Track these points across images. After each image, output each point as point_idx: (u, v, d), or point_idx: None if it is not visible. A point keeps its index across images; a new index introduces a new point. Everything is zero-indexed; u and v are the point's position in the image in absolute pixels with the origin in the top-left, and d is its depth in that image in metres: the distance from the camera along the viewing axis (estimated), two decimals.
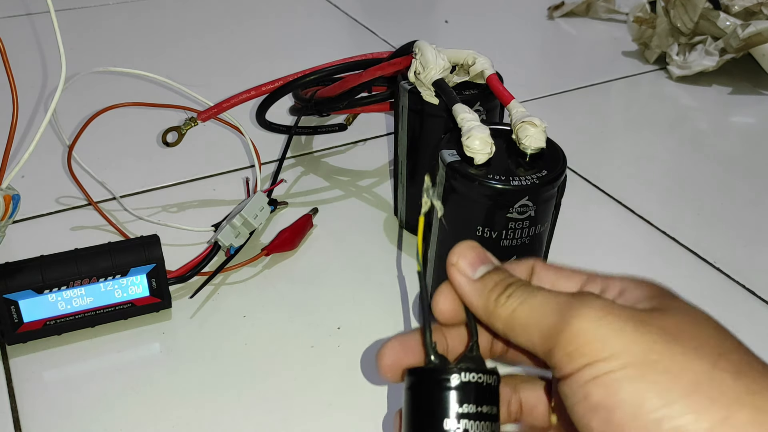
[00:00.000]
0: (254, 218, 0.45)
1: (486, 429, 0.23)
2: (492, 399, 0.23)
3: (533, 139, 0.37)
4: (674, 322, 0.23)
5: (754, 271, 0.47)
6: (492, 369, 0.24)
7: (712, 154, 0.62)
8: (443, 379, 0.23)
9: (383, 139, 0.62)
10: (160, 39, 0.81)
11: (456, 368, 0.23)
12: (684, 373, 0.21)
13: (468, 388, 0.23)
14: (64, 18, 0.85)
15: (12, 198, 0.41)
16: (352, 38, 0.85)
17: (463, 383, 0.23)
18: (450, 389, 0.22)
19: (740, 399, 0.20)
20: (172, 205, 0.52)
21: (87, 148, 0.54)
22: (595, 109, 0.70)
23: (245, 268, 0.46)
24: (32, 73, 0.71)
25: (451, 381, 0.23)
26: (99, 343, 0.40)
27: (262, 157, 0.53)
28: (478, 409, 0.23)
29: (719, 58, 0.72)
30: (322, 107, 0.54)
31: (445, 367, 0.23)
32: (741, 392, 0.21)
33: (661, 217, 0.52)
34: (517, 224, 0.36)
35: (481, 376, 0.23)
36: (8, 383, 0.38)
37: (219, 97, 0.51)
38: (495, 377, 0.23)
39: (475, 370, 0.23)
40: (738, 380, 0.21)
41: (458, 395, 0.22)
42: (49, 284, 0.38)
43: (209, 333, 0.41)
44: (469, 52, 0.43)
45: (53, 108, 0.39)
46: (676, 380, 0.21)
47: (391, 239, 0.49)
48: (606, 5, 0.90)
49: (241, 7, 0.91)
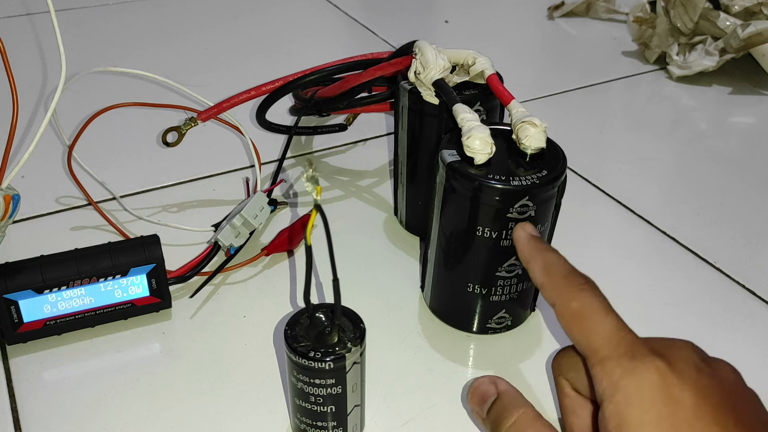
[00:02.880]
0: (254, 218, 0.45)
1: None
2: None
3: (533, 139, 0.37)
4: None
5: (754, 271, 0.47)
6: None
7: (712, 154, 0.62)
8: None
9: (383, 139, 0.62)
10: (160, 39, 0.81)
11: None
12: None
13: None
14: (64, 18, 0.85)
15: (12, 198, 0.41)
16: (352, 38, 0.85)
17: None
18: None
19: None
20: (172, 205, 0.52)
21: (87, 148, 0.54)
22: (595, 109, 0.70)
23: (245, 268, 0.46)
24: (32, 73, 0.71)
25: None
26: (99, 343, 0.40)
27: (262, 157, 0.53)
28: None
29: (719, 58, 0.72)
30: (322, 107, 0.54)
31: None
32: None
33: (661, 217, 0.53)
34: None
35: None
36: (8, 383, 0.38)
37: (219, 97, 0.51)
38: None
39: None
40: None
41: None
42: (49, 284, 0.38)
43: (209, 333, 0.41)
44: (469, 52, 0.43)
45: (53, 108, 0.39)
46: None
47: (391, 239, 0.49)
48: (606, 5, 0.90)
49: (241, 7, 0.91)
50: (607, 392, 0.26)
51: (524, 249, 0.33)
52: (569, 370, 0.30)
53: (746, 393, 0.27)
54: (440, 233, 0.39)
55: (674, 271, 0.47)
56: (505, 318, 0.40)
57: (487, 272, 0.38)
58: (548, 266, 0.31)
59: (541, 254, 0.32)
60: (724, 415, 0.25)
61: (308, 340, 0.31)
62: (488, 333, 0.41)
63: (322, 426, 0.33)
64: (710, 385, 0.26)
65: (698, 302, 0.45)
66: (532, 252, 0.32)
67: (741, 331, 0.43)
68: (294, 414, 0.33)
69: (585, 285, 0.29)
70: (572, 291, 0.29)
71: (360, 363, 0.31)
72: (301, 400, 0.32)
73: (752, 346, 0.42)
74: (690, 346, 0.27)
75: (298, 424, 0.33)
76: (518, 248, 0.33)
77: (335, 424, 0.33)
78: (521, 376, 0.39)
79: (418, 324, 0.42)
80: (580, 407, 0.30)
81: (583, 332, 0.28)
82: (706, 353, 0.28)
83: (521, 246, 0.33)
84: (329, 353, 0.30)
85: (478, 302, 0.39)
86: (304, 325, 0.32)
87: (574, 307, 0.28)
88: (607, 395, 0.26)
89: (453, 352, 0.40)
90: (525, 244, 0.33)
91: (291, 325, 0.31)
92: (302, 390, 0.31)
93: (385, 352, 0.40)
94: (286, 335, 0.31)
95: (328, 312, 0.32)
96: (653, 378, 0.25)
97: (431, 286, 0.42)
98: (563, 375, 0.31)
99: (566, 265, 0.31)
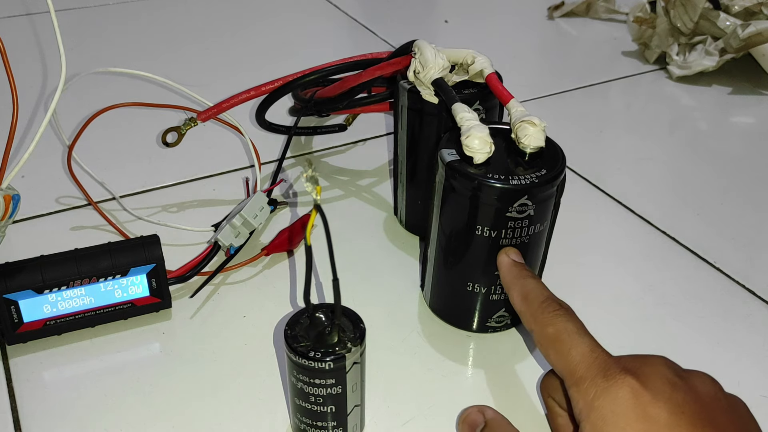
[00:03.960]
0: (254, 218, 0.46)
1: None
2: None
3: (532, 139, 0.37)
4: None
5: (754, 271, 0.47)
6: None
7: (712, 154, 0.62)
8: None
9: (383, 139, 0.62)
10: (160, 39, 0.81)
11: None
12: None
13: None
14: (64, 18, 0.85)
15: (12, 198, 0.41)
16: (352, 38, 0.85)
17: None
18: None
19: None
20: (172, 205, 0.52)
21: (87, 148, 0.54)
22: (595, 109, 0.70)
23: (245, 268, 0.46)
24: (32, 73, 0.71)
25: None
26: (99, 343, 0.40)
27: (262, 157, 0.53)
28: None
29: (719, 58, 0.72)
30: (321, 107, 0.54)
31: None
32: None
33: (661, 217, 0.52)
34: (516, 223, 0.36)
35: None
36: (8, 383, 0.38)
37: (219, 97, 0.51)
38: None
39: None
40: None
41: None
42: (49, 284, 0.38)
43: (209, 333, 0.41)
44: (469, 51, 0.43)
45: (53, 108, 0.39)
46: None
47: (391, 239, 0.49)
48: (606, 5, 0.90)
49: (240, 7, 0.91)
50: (584, 412, 0.26)
51: (506, 275, 0.35)
52: (555, 392, 0.31)
53: (726, 402, 0.27)
54: (440, 232, 0.39)
55: (674, 271, 0.47)
56: (505, 317, 0.40)
57: (486, 271, 0.38)
58: (527, 293, 0.33)
59: (520, 281, 0.34)
60: (701, 429, 0.25)
61: (308, 340, 0.31)
62: (488, 332, 0.41)
63: (322, 426, 0.33)
64: (685, 399, 0.26)
65: (698, 302, 0.45)
66: (513, 278, 0.34)
67: (741, 331, 0.43)
68: (294, 414, 0.33)
69: (560, 310, 0.31)
70: (548, 317, 0.30)
71: (360, 363, 0.31)
72: (301, 400, 0.32)
73: (752, 346, 0.42)
74: (663, 361, 0.28)
75: (298, 424, 0.33)
76: (500, 274, 0.36)
77: (335, 424, 0.33)
78: (521, 375, 0.39)
79: (418, 323, 0.42)
80: (572, 426, 0.31)
81: (560, 356, 0.29)
82: (681, 367, 0.28)
83: (503, 272, 0.35)
84: (329, 353, 0.30)
85: (477, 301, 0.39)
86: (304, 325, 0.32)
87: (549, 332, 0.30)
88: (583, 415, 0.26)
89: (453, 352, 0.40)
90: (506, 271, 0.35)
91: (291, 325, 0.32)
92: (302, 390, 0.31)
93: (385, 352, 0.40)
94: (286, 335, 0.31)
95: (328, 312, 0.32)
96: (627, 396, 0.26)
97: (431, 285, 0.42)
98: (551, 396, 0.32)
99: (544, 292, 0.32)
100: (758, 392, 0.38)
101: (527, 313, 0.32)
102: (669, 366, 0.28)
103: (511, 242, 0.37)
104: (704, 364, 0.31)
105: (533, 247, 0.38)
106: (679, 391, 0.26)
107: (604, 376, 0.27)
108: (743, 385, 0.38)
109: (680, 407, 0.25)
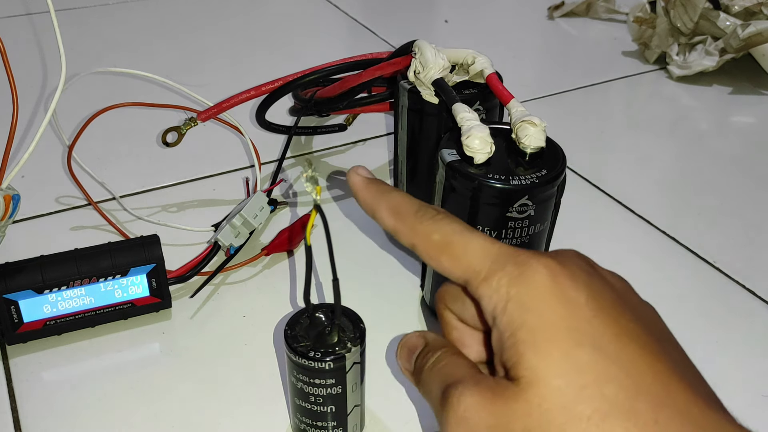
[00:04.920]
0: (254, 218, 0.45)
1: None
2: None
3: (533, 139, 0.37)
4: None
5: (754, 271, 0.47)
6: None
7: (712, 154, 0.62)
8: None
9: (383, 139, 0.62)
10: (160, 39, 0.81)
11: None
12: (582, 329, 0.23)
13: None
14: (64, 18, 0.85)
15: (12, 198, 0.41)
16: (352, 38, 0.85)
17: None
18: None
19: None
20: (172, 205, 0.52)
21: (87, 148, 0.54)
22: (595, 109, 0.70)
23: (245, 268, 0.46)
24: (32, 73, 0.71)
25: None
26: (99, 343, 0.40)
27: (262, 157, 0.53)
28: None
29: (719, 58, 0.72)
30: (321, 107, 0.54)
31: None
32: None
33: (661, 217, 0.52)
34: (516, 224, 0.36)
35: None
36: (8, 383, 0.38)
37: (219, 97, 0.51)
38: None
39: None
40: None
41: None
42: (49, 284, 0.38)
43: (209, 333, 0.41)
44: (469, 52, 0.43)
45: (53, 108, 0.39)
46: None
47: (391, 239, 0.49)
48: (606, 5, 0.90)
49: (241, 7, 0.91)
50: (498, 306, 0.24)
51: (365, 196, 0.29)
52: (454, 301, 0.28)
53: (637, 298, 0.26)
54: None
55: (674, 271, 0.47)
56: None
57: None
58: (396, 208, 0.28)
59: (384, 197, 0.29)
60: (621, 313, 0.24)
61: (308, 340, 0.31)
62: None
63: (322, 426, 0.33)
64: (602, 286, 0.24)
65: (698, 302, 0.45)
66: (375, 198, 0.29)
67: (741, 331, 0.43)
68: (294, 414, 0.33)
69: (439, 215, 0.27)
70: (428, 224, 0.27)
71: (360, 363, 0.31)
72: (301, 400, 0.32)
73: (752, 346, 0.42)
74: (576, 253, 0.26)
75: (298, 424, 0.33)
76: (358, 197, 0.30)
77: (335, 424, 0.33)
78: None
79: (418, 323, 0.42)
80: (468, 337, 0.28)
81: (456, 259, 0.26)
82: (592, 260, 0.26)
83: (361, 194, 0.30)
84: (329, 353, 0.30)
85: None
86: (304, 325, 0.32)
87: (436, 239, 0.26)
88: (498, 310, 0.24)
89: None
90: (364, 191, 0.29)
91: (291, 325, 0.32)
92: (302, 390, 0.31)
93: (386, 352, 0.40)
94: (286, 335, 0.31)
95: (328, 312, 0.32)
96: (544, 280, 0.23)
97: (431, 285, 0.42)
98: (448, 307, 0.29)
99: (414, 201, 0.28)
100: (758, 392, 0.38)
101: (404, 228, 0.28)
102: (581, 257, 0.26)
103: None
104: (704, 364, 0.31)
105: (533, 247, 0.38)
106: (594, 278, 0.25)
107: (515, 264, 0.24)
108: (743, 385, 0.38)
109: (599, 291, 0.24)
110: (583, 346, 0.22)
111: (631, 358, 0.22)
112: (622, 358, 0.22)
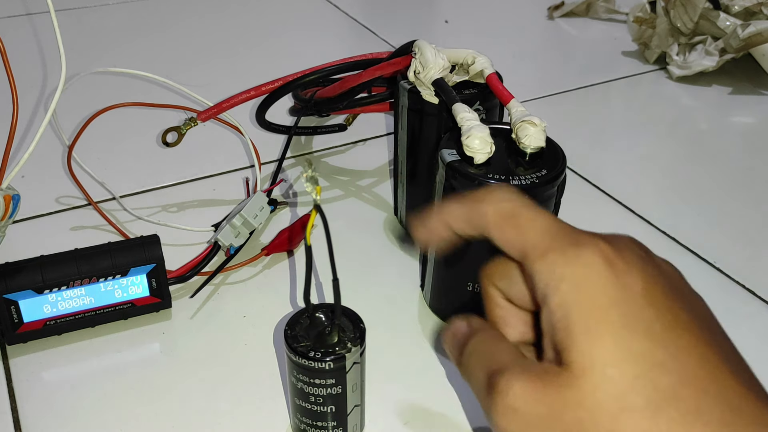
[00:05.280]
0: (254, 218, 0.45)
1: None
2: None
3: (533, 139, 0.37)
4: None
5: (754, 271, 0.47)
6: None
7: (712, 154, 0.62)
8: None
9: (383, 139, 0.62)
10: (160, 39, 0.81)
11: None
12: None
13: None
14: (64, 18, 0.85)
15: (12, 198, 0.41)
16: (352, 38, 0.85)
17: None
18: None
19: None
20: (172, 205, 0.52)
21: (87, 148, 0.54)
22: (595, 109, 0.70)
23: (245, 268, 0.46)
24: (32, 73, 0.71)
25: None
26: (99, 343, 0.40)
27: (262, 157, 0.53)
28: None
29: (719, 58, 0.72)
30: (321, 107, 0.54)
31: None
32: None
33: (661, 217, 0.52)
34: None
35: None
36: (8, 383, 0.38)
37: (219, 97, 0.51)
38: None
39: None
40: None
41: None
42: (49, 284, 0.38)
43: (209, 333, 0.41)
44: (469, 52, 0.43)
45: (53, 108, 0.39)
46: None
47: (391, 239, 0.49)
48: (606, 5, 0.90)
49: (241, 6, 0.91)
50: (552, 285, 0.24)
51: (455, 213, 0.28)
52: (502, 278, 0.28)
53: (691, 289, 0.26)
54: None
55: None
56: None
57: None
58: (452, 205, 0.28)
59: (463, 202, 0.28)
60: (674, 302, 0.24)
61: (308, 340, 0.31)
62: None
63: (322, 426, 0.32)
64: (656, 273, 0.24)
65: None
66: (460, 205, 0.28)
67: (741, 330, 0.43)
68: (294, 414, 0.33)
69: (513, 190, 0.27)
70: (501, 194, 0.27)
71: (360, 363, 0.31)
72: (301, 400, 0.32)
73: (752, 346, 0.42)
74: (632, 239, 0.26)
75: (298, 424, 0.33)
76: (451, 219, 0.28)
77: (335, 424, 0.33)
78: None
79: (418, 323, 0.42)
80: (513, 317, 0.28)
81: (519, 230, 0.25)
82: (647, 247, 0.26)
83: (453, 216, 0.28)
84: (329, 353, 0.30)
85: (478, 301, 0.39)
86: (304, 325, 0.32)
87: (506, 207, 0.26)
88: (551, 288, 0.24)
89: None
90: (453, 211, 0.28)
91: (291, 325, 0.32)
92: (302, 390, 0.31)
93: (385, 352, 0.40)
94: (286, 335, 0.31)
95: (328, 312, 0.32)
96: (600, 263, 0.23)
97: (431, 285, 0.42)
98: (494, 284, 0.28)
99: (470, 194, 0.28)
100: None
101: (473, 202, 0.27)
102: (637, 243, 0.26)
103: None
104: None
105: None
106: (650, 265, 0.25)
107: (574, 244, 0.24)
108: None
109: (654, 279, 0.24)
110: (636, 334, 0.22)
111: (684, 348, 0.22)
112: (675, 348, 0.22)
